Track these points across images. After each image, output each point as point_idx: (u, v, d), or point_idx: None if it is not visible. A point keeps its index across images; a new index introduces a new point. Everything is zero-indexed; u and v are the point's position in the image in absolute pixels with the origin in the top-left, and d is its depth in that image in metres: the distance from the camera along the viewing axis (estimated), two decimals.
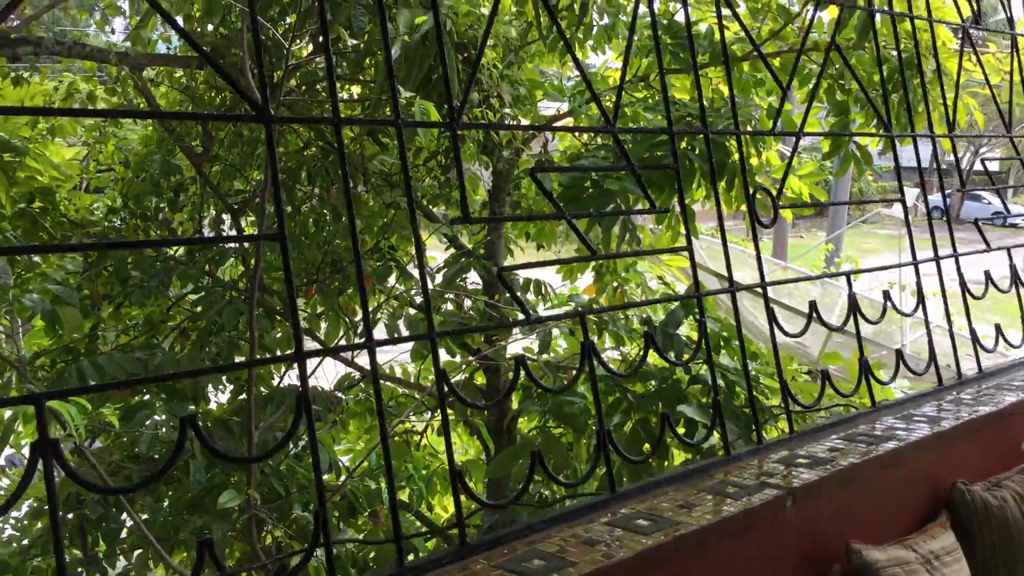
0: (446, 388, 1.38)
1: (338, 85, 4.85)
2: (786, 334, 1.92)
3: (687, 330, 4.65)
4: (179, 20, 4.34)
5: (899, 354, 2.16)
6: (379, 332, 5.02)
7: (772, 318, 1.88)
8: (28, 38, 3.94)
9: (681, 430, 4.26)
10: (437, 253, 5.82)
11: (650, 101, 4.65)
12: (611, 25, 4.66)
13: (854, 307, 2.05)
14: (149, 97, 4.40)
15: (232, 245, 4.96)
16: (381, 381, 4.53)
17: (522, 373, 1.46)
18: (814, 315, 1.95)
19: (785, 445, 1.85)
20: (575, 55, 1.73)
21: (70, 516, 4.34)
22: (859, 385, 2.05)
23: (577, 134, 5.22)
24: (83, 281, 4.64)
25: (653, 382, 4.31)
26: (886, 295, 2.18)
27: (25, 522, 4.68)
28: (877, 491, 1.82)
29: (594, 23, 4.60)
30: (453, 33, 3.71)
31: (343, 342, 4.98)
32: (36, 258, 4.59)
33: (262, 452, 4.25)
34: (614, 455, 1.59)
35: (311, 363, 5.01)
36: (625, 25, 4.60)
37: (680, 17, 4.98)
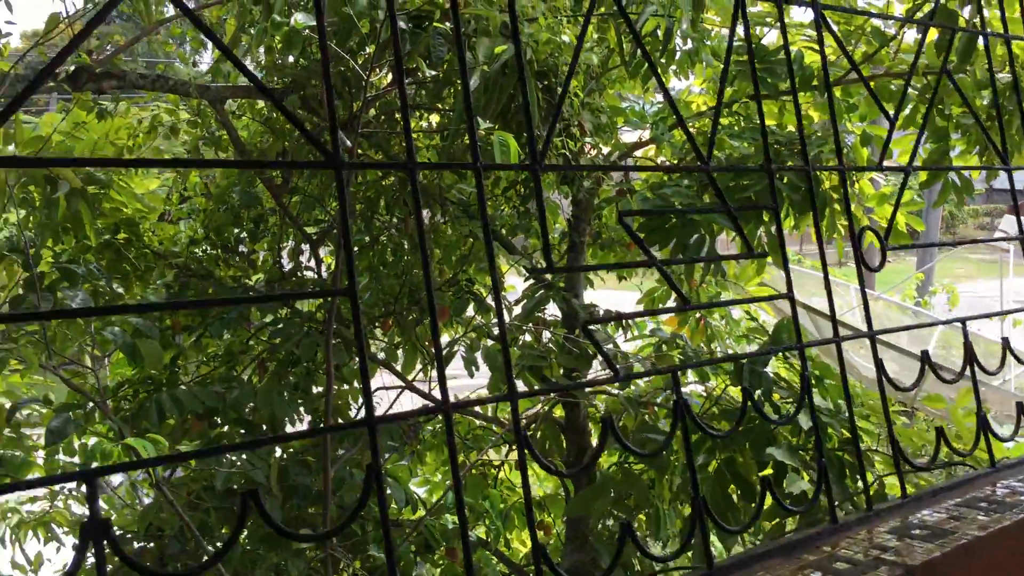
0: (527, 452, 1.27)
1: (416, 114, 4.82)
2: (897, 388, 1.76)
3: (775, 363, 4.47)
4: (260, 52, 4.36)
5: (1020, 408, 1.97)
6: (456, 364, 4.94)
7: (881, 371, 1.73)
8: (113, 72, 3.99)
9: (769, 471, 4.08)
10: (516, 281, 5.74)
11: (735, 128, 4.50)
12: (694, 50, 4.53)
13: (971, 357, 1.87)
14: (230, 129, 4.42)
15: (311, 275, 4.96)
16: (458, 414, 4.41)
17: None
18: (929, 367, 1.79)
19: (898, 512, 1.68)
20: (662, 83, 1.62)
21: (151, 546, 4.35)
22: (977, 443, 1.88)
23: (661, 162, 5.08)
24: (164, 312, 4.68)
25: None
26: (1005, 343, 1.99)
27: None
28: (1002, 566, 1.64)
29: (677, 48, 4.47)
30: (533, 62, 3.62)
31: (420, 375, 4.92)
32: (119, 289, 4.64)
33: (337, 486, 4.21)
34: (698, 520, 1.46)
35: (387, 396, 4.96)
36: (709, 50, 4.46)
37: (766, 41, 4.82)
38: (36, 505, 5.44)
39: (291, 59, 4.30)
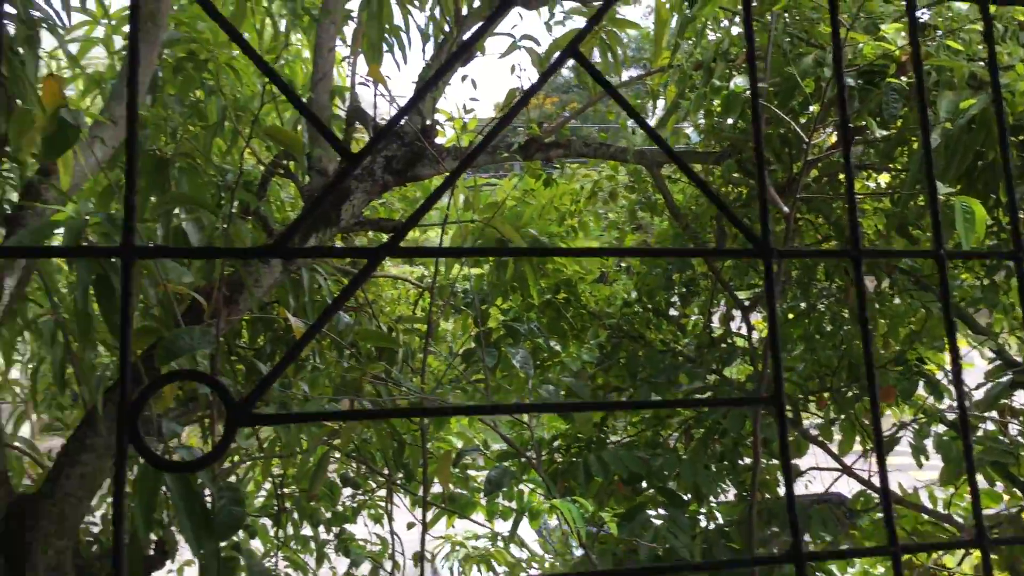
0: None
1: (863, 174, 4.46)
2: None
3: None
4: (699, 116, 4.33)
5: None
6: (901, 449, 4.44)
7: None
8: (560, 142, 4.20)
9: None
10: (975, 357, 5.06)
11: None
12: None
13: None
14: (666, 193, 4.43)
15: (742, 344, 4.78)
16: (899, 507, 3.92)
17: None
18: None
19: None
20: None
21: None
22: None
23: None
24: (597, 372, 4.79)
25: None
26: None
27: None
28: None
29: None
30: (1007, 115, 3.15)
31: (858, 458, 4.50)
32: (556, 346, 4.85)
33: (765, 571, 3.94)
34: None
35: (821, 477, 4.60)
36: None
37: None
38: (480, 542, 5.86)
39: (729, 122, 4.21)
